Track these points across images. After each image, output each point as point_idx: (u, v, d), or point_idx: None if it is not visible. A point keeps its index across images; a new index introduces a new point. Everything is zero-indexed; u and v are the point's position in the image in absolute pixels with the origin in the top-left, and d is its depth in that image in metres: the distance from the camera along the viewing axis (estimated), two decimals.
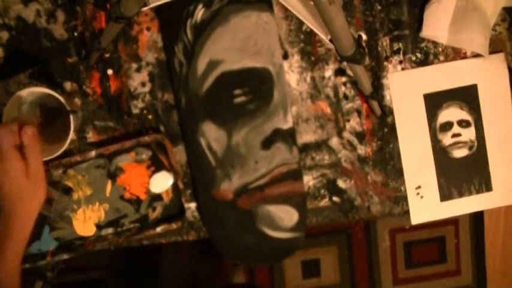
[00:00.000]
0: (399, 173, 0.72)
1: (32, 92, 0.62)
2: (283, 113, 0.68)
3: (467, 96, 0.72)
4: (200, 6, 0.67)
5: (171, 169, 0.69)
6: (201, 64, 0.67)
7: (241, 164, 0.69)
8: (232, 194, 0.69)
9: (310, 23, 0.62)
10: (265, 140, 0.69)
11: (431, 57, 0.71)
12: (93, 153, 0.67)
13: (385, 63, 0.71)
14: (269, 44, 0.68)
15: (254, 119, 0.68)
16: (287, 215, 0.70)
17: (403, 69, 0.71)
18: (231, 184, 0.69)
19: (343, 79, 0.71)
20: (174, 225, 0.69)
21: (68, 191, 0.69)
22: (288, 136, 0.69)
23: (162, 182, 0.69)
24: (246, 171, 0.69)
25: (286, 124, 0.69)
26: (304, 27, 0.69)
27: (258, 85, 0.68)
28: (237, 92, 0.68)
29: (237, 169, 0.69)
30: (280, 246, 0.70)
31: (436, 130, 0.72)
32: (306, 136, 0.71)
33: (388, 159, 0.72)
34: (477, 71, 0.71)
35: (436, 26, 0.69)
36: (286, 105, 0.69)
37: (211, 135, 0.68)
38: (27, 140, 0.57)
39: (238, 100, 0.68)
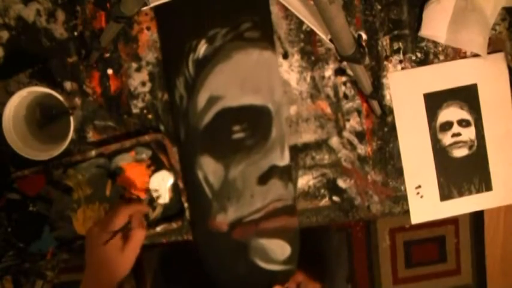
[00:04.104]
0: (399, 173, 0.72)
1: (32, 91, 0.62)
2: (280, 150, 0.69)
3: (467, 96, 0.72)
4: (203, 41, 0.68)
5: (171, 169, 0.69)
6: (202, 99, 0.68)
7: (237, 198, 0.69)
8: (227, 225, 0.70)
9: (310, 22, 0.62)
10: (261, 176, 0.69)
11: (431, 56, 0.71)
12: (93, 152, 0.67)
13: (385, 62, 0.71)
14: (269, 82, 0.68)
15: (252, 154, 0.69)
16: (280, 249, 0.71)
17: (403, 68, 0.71)
18: (227, 216, 0.70)
19: (343, 79, 0.71)
20: (174, 225, 0.69)
21: (68, 190, 0.69)
22: (284, 173, 0.70)
23: (162, 182, 0.69)
24: (241, 204, 0.70)
25: (283, 161, 0.69)
26: (304, 27, 0.69)
27: (257, 122, 0.69)
28: (236, 128, 0.69)
29: (233, 202, 0.70)
30: (271, 277, 0.71)
31: (436, 130, 0.72)
32: (306, 136, 0.71)
33: (388, 158, 0.72)
34: (477, 71, 0.71)
35: (435, 26, 0.69)
36: (284, 142, 0.69)
37: (209, 168, 0.69)
38: (135, 224, 0.62)
39: (236, 136, 0.69)
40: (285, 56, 0.70)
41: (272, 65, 0.69)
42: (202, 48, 0.68)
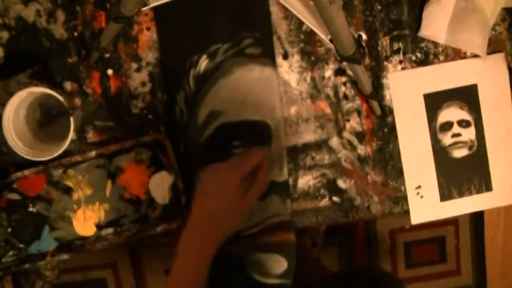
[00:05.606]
0: (399, 173, 0.72)
1: (32, 92, 0.62)
2: (279, 166, 0.69)
3: (467, 96, 0.72)
4: (204, 57, 0.68)
5: (171, 169, 0.69)
6: (202, 114, 0.68)
7: None
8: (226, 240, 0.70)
9: (310, 22, 0.62)
10: None
11: (431, 57, 0.71)
12: (93, 153, 0.67)
13: (385, 63, 0.71)
14: (270, 99, 0.69)
15: None
16: (276, 263, 0.70)
17: (403, 69, 0.71)
18: None
19: (343, 79, 0.71)
20: (174, 225, 0.69)
21: (68, 191, 0.69)
22: (283, 189, 0.70)
23: (162, 182, 0.69)
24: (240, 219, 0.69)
25: (282, 177, 0.70)
26: (304, 27, 0.69)
27: (256, 138, 0.69)
28: (236, 143, 0.69)
29: None
30: None
31: (436, 130, 0.72)
32: (306, 136, 0.71)
33: (388, 159, 0.72)
34: (477, 71, 0.72)
35: (435, 26, 0.69)
36: (283, 158, 0.69)
37: None
38: (263, 169, 0.58)
39: (236, 151, 0.69)
40: (285, 56, 0.70)
41: (273, 82, 0.69)
42: (203, 63, 0.68)
